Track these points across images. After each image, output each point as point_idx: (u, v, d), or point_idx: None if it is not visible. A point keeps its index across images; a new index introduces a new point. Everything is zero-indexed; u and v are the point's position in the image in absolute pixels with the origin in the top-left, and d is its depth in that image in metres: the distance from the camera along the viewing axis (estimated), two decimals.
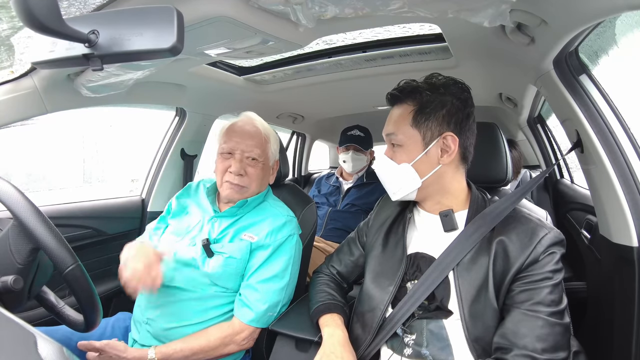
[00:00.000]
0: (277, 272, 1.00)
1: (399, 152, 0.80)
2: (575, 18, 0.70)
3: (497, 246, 0.73)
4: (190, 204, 1.14)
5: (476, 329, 0.71)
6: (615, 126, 0.85)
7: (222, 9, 0.77)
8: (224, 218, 1.06)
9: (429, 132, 0.78)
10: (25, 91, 0.95)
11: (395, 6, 0.76)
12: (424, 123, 0.78)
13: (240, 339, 0.96)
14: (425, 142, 0.78)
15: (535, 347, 0.65)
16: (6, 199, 0.67)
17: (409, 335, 0.77)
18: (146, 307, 1.00)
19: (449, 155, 0.78)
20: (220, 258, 0.99)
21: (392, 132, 0.81)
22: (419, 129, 0.78)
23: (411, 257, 0.81)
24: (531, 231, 0.72)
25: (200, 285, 0.98)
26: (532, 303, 0.68)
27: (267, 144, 1.08)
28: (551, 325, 0.66)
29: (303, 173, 2.91)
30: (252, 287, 0.98)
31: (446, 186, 0.81)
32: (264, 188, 1.12)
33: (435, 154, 0.78)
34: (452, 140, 0.77)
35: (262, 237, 1.01)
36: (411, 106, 0.79)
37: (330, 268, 1.01)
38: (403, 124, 0.79)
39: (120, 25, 0.52)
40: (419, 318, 0.76)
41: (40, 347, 0.30)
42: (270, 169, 1.12)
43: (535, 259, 0.70)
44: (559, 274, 0.70)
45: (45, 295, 0.81)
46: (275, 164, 1.16)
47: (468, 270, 0.73)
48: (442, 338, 0.73)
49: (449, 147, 0.78)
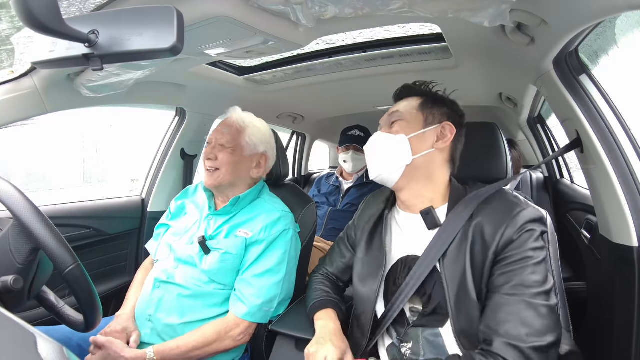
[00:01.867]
0: (271, 266, 1.00)
1: (397, 126, 0.81)
2: (575, 18, 0.70)
3: (474, 230, 0.70)
4: (188, 204, 1.16)
5: (460, 322, 0.68)
6: (615, 126, 0.84)
7: (222, 9, 0.77)
8: (219, 216, 1.07)
9: (431, 117, 0.81)
10: (25, 91, 0.95)
11: (395, 6, 0.76)
12: (429, 110, 0.82)
13: (235, 334, 0.96)
14: (426, 123, 0.81)
15: (518, 333, 0.60)
16: (6, 198, 0.67)
17: (405, 345, 0.76)
18: (147, 305, 1.01)
19: (443, 142, 0.80)
20: (216, 254, 1.00)
21: (397, 110, 0.83)
22: (423, 113, 0.82)
23: (402, 261, 0.80)
24: (505, 210, 0.70)
25: (199, 283, 1.00)
26: (511, 286, 0.64)
27: (241, 133, 1.08)
28: (534, 307, 0.62)
29: (303, 173, 2.91)
30: (247, 282, 0.99)
31: (432, 174, 0.80)
32: (244, 180, 1.10)
33: (431, 138, 0.80)
34: (449, 130, 0.80)
35: (257, 233, 1.02)
36: (420, 98, 0.84)
37: (325, 270, 1.02)
38: (409, 108, 0.83)
39: (120, 25, 0.52)
40: (414, 326, 0.75)
41: (40, 347, 0.30)
42: (249, 160, 1.10)
43: (509, 238, 0.66)
44: (540, 252, 0.66)
45: (45, 295, 0.81)
46: (261, 158, 1.12)
47: (454, 260, 0.71)
48: (438, 346, 0.72)
49: (446, 135, 0.80)
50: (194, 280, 1.00)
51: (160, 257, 1.09)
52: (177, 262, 1.04)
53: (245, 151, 1.08)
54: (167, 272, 1.03)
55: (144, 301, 1.03)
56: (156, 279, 1.03)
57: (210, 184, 1.06)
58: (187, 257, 1.03)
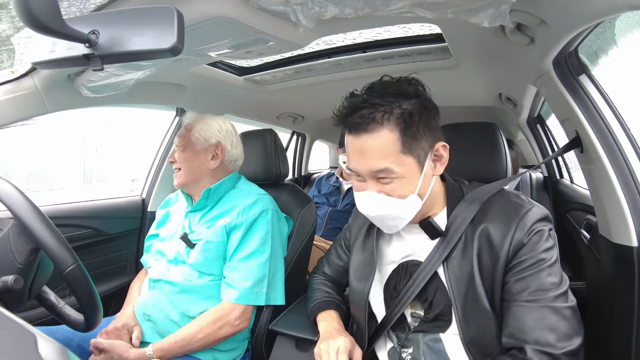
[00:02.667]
0: (255, 248, 1.02)
1: (396, 185, 0.67)
2: (575, 18, 0.70)
3: (481, 236, 0.67)
4: (172, 211, 1.21)
5: (469, 330, 0.66)
6: (614, 126, 0.84)
7: (222, 9, 0.77)
8: (196, 211, 1.11)
9: (422, 152, 0.68)
10: (25, 91, 0.95)
11: (395, 6, 0.76)
12: (414, 143, 0.66)
13: (232, 318, 0.97)
14: (420, 163, 0.68)
15: (548, 340, 0.59)
16: (6, 198, 0.67)
17: (405, 350, 0.76)
18: (145, 305, 1.03)
19: (442, 164, 0.71)
20: (199, 245, 1.03)
21: (385, 167, 0.66)
22: (412, 154, 0.66)
23: (403, 266, 0.78)
24: (510, 212, 0.66)
25: (190, 278, 1.02)
26: (530, 292, 0.62)
27: (190, 131, 1.12)
28: (558, 311, 0.60)
29: (303, 173, 2.91)
30: (233, 267, 1.01)
31: (434, 194, 0.73)
32: (205, 173, 1.11)
33: (429, 170, 0.70)
34: (443, 149, 0.70)
35: (234, 218, 1.04)
36: (394, 131, 0.65)
37: (322, 271, 1.02)
38: (393, 154, 0.65)
39: (120, 25, 0.52)
40: (415, 331, 0.74)
41: (41, 347, 0.30)
42: (202, 154, 1.10)
43: (520, 242, 0.64)
44: (552, 251, 0.64)
45: (45, 295, 0.81)
46: (217, 148, 1.12)
47: (459, 265, 0.69)
48: (439, 351, 0.71)
49: (442, 155, 0.71)
50: (185, 276, 1.02)
51: (152, 264, 1.12)
52: (169, 263, 1.07)
53: (196, 146, 1.11)
54: (161, 272, 1.06)
55: (141, 302, 1.05)
56: (150, 279, 1.07)
57: (177, 184, 1.11)
58: (176, 256, 1.06)
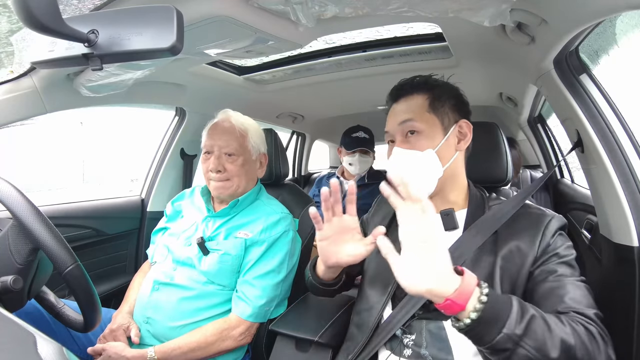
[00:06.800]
0: (273, 267, 1.01)
1: (418, 139, 0.75)
2: (575, 18, 0.70)
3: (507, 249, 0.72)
4: (185, 207, 1.17)
5: None
6: (615, 126, 0.84)
7: (222, 8, 0.77)
8: (217, 218, 1.08)
9: (447, 118, 0.77)
10: (24, 91, 0.95)
11: (395, 5, 0.76)
12: (441, 109, 0.77)
13: (237, 334, 0.97)
14: (444, 127, 0.76)
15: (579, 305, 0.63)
16: (6, 199, 0.67)
17: (408, 336, 0.76)
18: (145, 307, 1.01)
19: (465, 142, 0.78)
20: (215, 255, 1.00)
21: (410, 117, 0.76)
22: (437, 115, 0.76)
23: None
24: (536, 222, 0.73)
25: (197, 284, 1.00)
26: (556, 275, 0.67)
27: (245, 138, 1.08)
28: (581, 287, 0.66)
29: (303, 173, 2.91)
30: (249, 283, 0.99)
31: (457, 177, 0.79)
32: (252, 182, 1.12)
33: (453, 141, 0.77)
34: (467, 127, 0.78)
35: (257, 234, 1.02)
36: (424, 95, 0.78)
37: None
38: (420, 111, 0.76)
39: (119, 24, 0.52)
40: (418, 318, 0.75)
41: (40, 347, 0.30)
42: (255, 163, 1.12)
43: (546, 244, 0.70)
44: (571, 249, 0.71)
45: (44, 295, 0.81)
46: (263, 157, 1.14)
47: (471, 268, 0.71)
48: (441, 339, 0.72)
49: (465, 134, 0.78)
50: (192, 281, 1.00)
51: (157, 260, 1.09)
52: (175, 263, 1.04)
53: (252, 155, 1.09)
54: (167, 273, 1.03)
55: (141, 303, 1.03)
56: (155, 280, 1.03)
57: (227, 195, 1.06)
58: (185, 259, 1.03)
